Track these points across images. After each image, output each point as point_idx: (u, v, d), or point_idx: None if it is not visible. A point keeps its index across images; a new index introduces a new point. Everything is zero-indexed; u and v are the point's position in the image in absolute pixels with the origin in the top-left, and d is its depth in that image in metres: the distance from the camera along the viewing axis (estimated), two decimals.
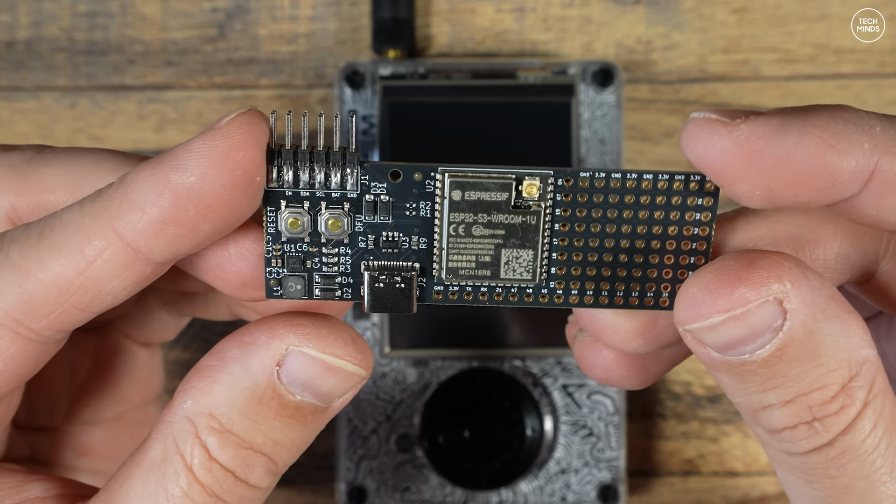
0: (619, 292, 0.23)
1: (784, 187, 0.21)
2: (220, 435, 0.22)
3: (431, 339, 0.39)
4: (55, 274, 0.22)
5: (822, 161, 0.21)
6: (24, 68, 0.41)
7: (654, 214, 0.23)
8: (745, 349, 0.21)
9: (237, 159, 0.21)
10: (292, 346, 0.22)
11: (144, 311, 0.30)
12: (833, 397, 0.21)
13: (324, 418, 0.24)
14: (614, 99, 0.39)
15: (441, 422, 0.39)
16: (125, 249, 0.22)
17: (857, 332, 0.21)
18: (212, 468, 0.22)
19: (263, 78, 0.41)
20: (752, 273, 0.21)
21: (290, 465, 0.24)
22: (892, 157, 0.21)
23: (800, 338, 0.21)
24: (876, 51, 0.40)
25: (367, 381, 0.39)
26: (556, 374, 0.39)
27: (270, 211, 0.23)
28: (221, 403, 0.22)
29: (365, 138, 0.39)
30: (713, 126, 0.21)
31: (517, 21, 0.41)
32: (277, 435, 0.23)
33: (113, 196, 0.22)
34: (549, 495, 0.39)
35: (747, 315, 0.21)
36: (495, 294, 0.23)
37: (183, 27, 0.41)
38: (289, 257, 0.23)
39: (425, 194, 0.23)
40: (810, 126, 0.21)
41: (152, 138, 0.41)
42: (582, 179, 0.22)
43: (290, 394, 0.22)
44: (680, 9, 0.40)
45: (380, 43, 0.39)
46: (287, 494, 0.41)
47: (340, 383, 0.23)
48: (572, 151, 0.39)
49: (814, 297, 0.21)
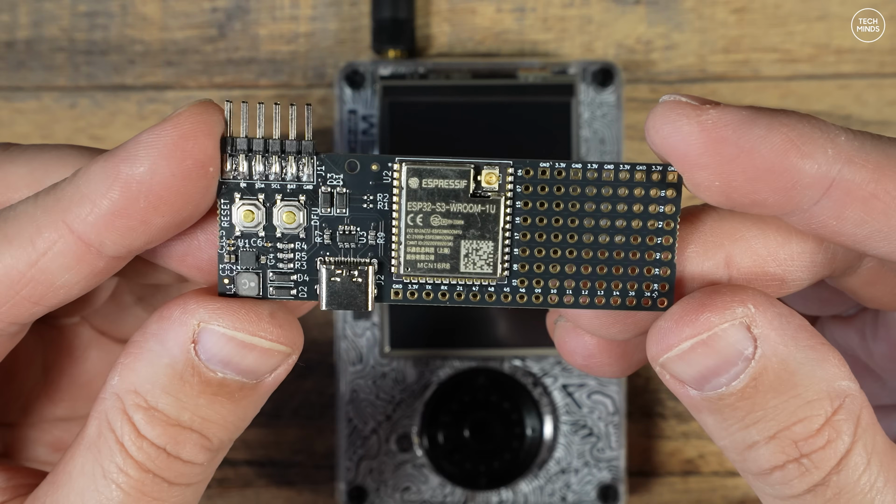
0: (585, 290, 0.22)
1: (743, 181, 0.21)
2: (146, 412, 0.22)
3: (431, 339, 0.39)
4: (6, 266, 0.22)
5: (784, 159, 0.21)
6: (24, 68, 0.41)
7: (617, 207, 0.22)
8: (720, 381, 0.21)
9: (187, 149, 0.21)
10: (203, 323, 0.22)
11: (119, 307, 0.30)
12: (818, 430, 0.21)
13: (257, 395, 0.23)
14: (614, 99, 0.39)
15: (441, 422, 0.39)
16: (76, 242, 0.22)
17: (833, 363, 0.21)
18: (142, 445, 0.22)
19: (263, 78, 0.41)
20: (714, 299, 0.21)
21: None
22: (854, 166, 0.21)
23: (773, 366, 0.21)
24: (876, 51, 0.40)
25: (366, 382, 0.39)
26: (556, 374, 0.39)
27: (224, 204, 0.22)
28: (145, 380, 0.22)
29: (365, 138, 0.39)
30: (682, 108, 0.21)
31: (517, 21, 0.41)
32: (205, 412, 0.22)
33: (66, 189, 0.22)
34: (549, 495, 0.39)
35: (715, 340, 0.21)
36: (456, 293, 0.23)
37: (183, 27, 0.41)
38: (242, 253, 0.23)
39: (382, 186, 0.22)
40: (778, 123, 0.21)
41: None
42: (542, 170, 0.22)
43: (211, 371, 0.22)
44: (680, 9, 0.40)
45: (380, 43, 0.39)
46: (287, 494, 0.41)
47: (260, 360, 0.22)
48: (572, 151, 0.39)
49: (782, 323, 0.21)
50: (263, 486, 0.41)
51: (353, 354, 0.39)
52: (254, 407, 0.23)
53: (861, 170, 0.21)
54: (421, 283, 0.23)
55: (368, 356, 0.39)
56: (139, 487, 0.22)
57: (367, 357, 0.39)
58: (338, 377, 0.39)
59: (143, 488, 0.22)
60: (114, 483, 0.22)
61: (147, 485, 0.22)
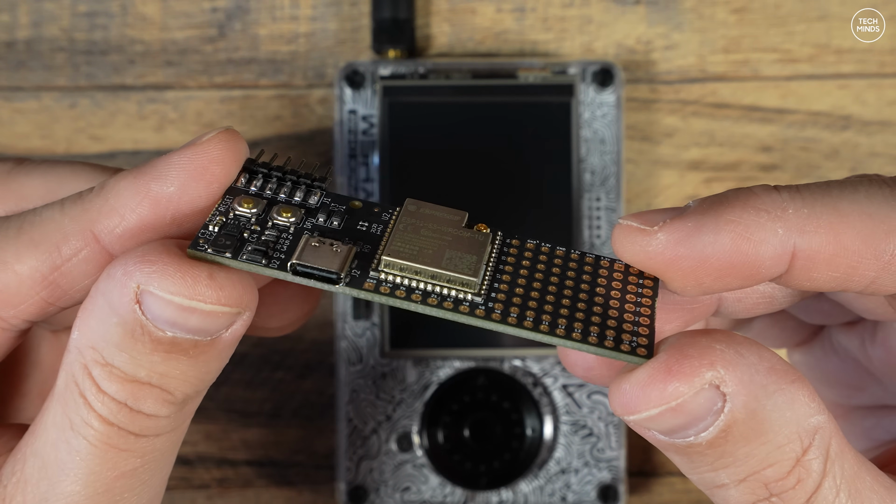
0: (561, 326, 0.22)
1: (712, 281, 0.22)
2: (103, 368, 0.22)
3: (431, 339, 0.39)
4: (30, 268, 0.23)
5: (739, 254, 0.21)
6: (24, 68, 0.41)
7: (598, 281, 0.23)
8: (687, 433, 0.21)
9: (215, 173, 0.23)
10: (142, 285, 0.21)
11: None
12: (788, 472, 0.21)
13: (215, 350, 0.22)
14: (614, 99, 0.39)
15: (441, 422, 0.39)
16: (100, 252, 0.23)
17: (803, 402, 0.21)
18: (103, 400, 0.22)
19: (263, 78, 0.41)
20: (682, 365, 0.21)
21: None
22: (807, 235, 0.21)
23: (742, 418, 0.21)
24: (876, 51, 0.40)
25: (366, 382, 0.39)
26: (556, 374, 0.39)
27: (228, 198, 0.23)
28: (99, 338, 0.22)
29: (365, 138, 0.39)
30: (634, 235, 0.22)
31: (517, 21, 0.41)
32: (162, 368, 0.22)
33: (94, 200, 0.23)
34: (549, 495, 0.39)
35: (683, 406, 0.21)
36: (429, 298, 0.22)
37: (183, 27, 0.41)
38: (228, 225, 0.23)
39: (381, 221, 0.24)
40: (724, 221, 0.21)
41: (152, 138, 0.41)
42: (528, 246, 0.23)
43: (160, 330, 0.21)
44: (680, 9, 0.40)
45: (380, 43, 0.39)
46: (287, 494, 0.41)
47: (204, 321, 0.22)
48: (572, 151, 0.39)
49: (752, 375, 0.21)
50: (263, 486, 0.41)
51: (353, 354, 0.39)
52: (216, 361, 0.23)
53: (815, 237, 0.21)
54: (396, 283, 0.22)
55: (368, 356, 0.39)
56: (105, 440, 0.22)
57: (367, 357, 0.39)
58: (338, 377, 0.39)
59: (110, 441, 0.22)
60: (80, 435, 0.22)
61: (113, 437, 0.22)
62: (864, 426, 0.30)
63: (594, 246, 0.39)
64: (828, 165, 0.41)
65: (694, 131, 0.41)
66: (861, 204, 0.22)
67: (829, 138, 0.41)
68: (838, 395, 0.30)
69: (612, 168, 0.39)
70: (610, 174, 0.39)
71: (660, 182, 0.41)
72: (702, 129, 0.41)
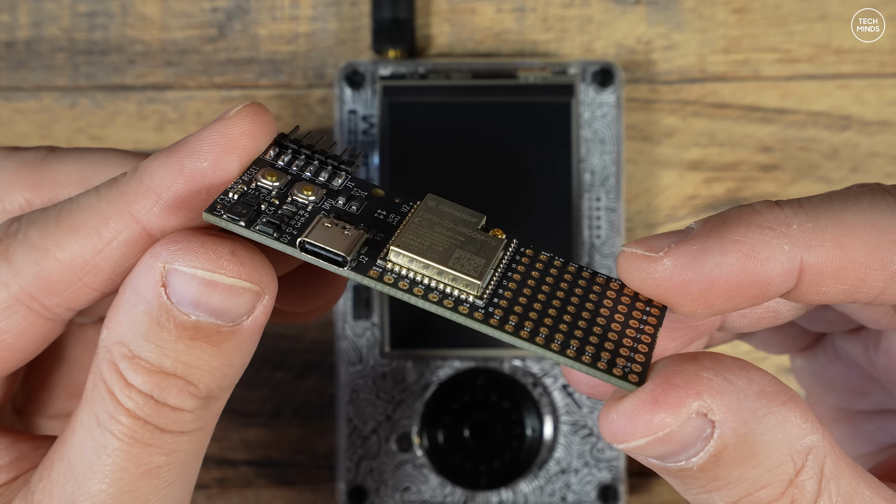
0: (557, 340, 0.22)
1: (721, 302, 0.22)
2: (130, 361, 0.22)
3: (431, 339, 0.39)
4: (72, 254, 0.23)
5: (746, 274, 0.21)
6: (24, 68, 0.41)
7: (604, 302, 0.23)
8: (678, 458, 0.21)
9: (247, 146, 0.23)
10: (167, 264, 0.22)
11: None
12: (782, 493, 0.21)
13: (238, 340, 0.23)
14: (614, 99, 0.39)
15: (441, 422, 0.39)
16: (140, 232, 0.23)
17: (795, 423, 0.21)
18: (130, 393, 0.22)
19: (263, 78, 0.41)
20: (669, 396, 0.21)
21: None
22: (814, 249, 0.21)
23: (732, 443, 0.21)
24: (876, 51, 0.40)
25: (366, 382, 0.39)
26: (556, 374, 0.39)
27: (253, 168, 0.23)
28: (127, 330, 0.22)
29: (365, 138, 0.39)
30: (640, 262, 0.22)
31: (517, 21, 0.41)
32: (186, 357, 0.22)
33: (129, 182, 0.23)
34: (549, 495, 0.39)
35: (671, 435, 0.21)
36: (431, 294, 0.22)
37: (183, 27, 0.41)
38: (247, 195, 0.23)
39: (400, 212, 0.24)
40: (729, 243, 0.21)
41: (152, 138, 0.41)
42: (541, 257, 0.23)
43: (184, 314, 0.22)
44: (680, 9, 0.40)
45: (380, 43, 0.39)
46: (287, 494, 0.41)
47: (226, 299, 0.22)
48: (572, 151, 0.39)
49: (740, 401, 0.21)
50: (263, 486, 0.41)
51: (353, 354, 0.39)
52: (239, 353, 0.23)
53: (821, 251, 0.21)
54: (401, 274, 0.22)
55: (368, 356, 0.39)
56: (132, 435, 0.22)
57: (367, 357, 0.39)
58: (338, 377, 0.39)
59: (136, 435, 0.22)
60: (108, 431, 0.22)
61: (139, 432, 0.22)
62: (867, 430, 0.30)
63: (594, 246, 0.39)
64: (828, 165, 0.41)
65: (694, 131, 0.41)
66: (865, 215, 0.22)
67: (829, 138, 0.41)
68: (841, 399, 0.30)
69: (612, 168, 0.39)
70: (610, 174, 0.39)
71: (660, 182, 0.41)
72: (702, 129, 0.41)
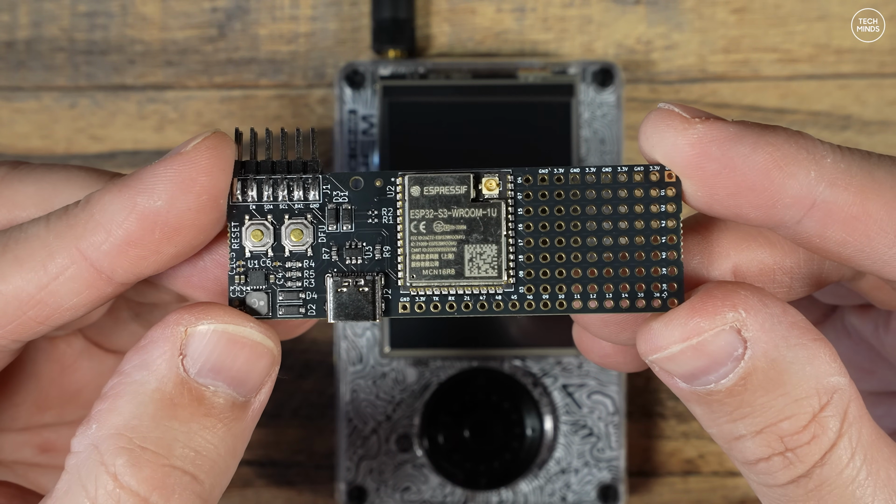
0: (593, 295, 0.22)
1: (726, 195, 0.21)
2: (131, 453, 0.21)
3: (431, 339, 0.39)
4: (16, 287, 0.22)
5: (766, 178, 0.21)
6: (24, 68, 0.41)
7: (619, 209, 0.22)
8: (709, 379, 0.21)
9: (203, 183, 0.22)
10: (190, 327, 0.21)
11: (116, 322, 0.29)
12: (804, 427, 0.21)
13: (246, 418, 0.22)
14: (614, 99, 0.39)
15: (441, 422, 0.39)
16: (88, 269, 0.22)
17: (824, 360, 0.21)
18: (120, 498, 0.20)
19: (263, 78, 0.41)
20: (706, 303, 0.21)
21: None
22: (836, 189, 0.21)
23: (762, 366, 0.21)
24: (876, 51, 0.40)
25: (366, 382, 0.39)
26: (556, 374, 0.39)
27: (235, 227, 0.23)
28: (130, 417, 0.21)
29: (365, 138, 0.39)
30: (672, 120, 0.21)
31: (517, 21, 0.41)
32: (198, 442, 0.21)
33: (79, 215, 0.22)
34: (549, 495, 0.39)
35: (704, 344, 0.21)
36: (463, 304, 0.23)
37: (183, 27, 0.41)
38: (252, 272, 0.23)
39: (386, 200, 0.23)
40: (764, 142, 0.21)
41: (152, 138, 0.41)
42: (541, 177, 0.23)
43: (202, 386, 0.21)
44: (680, 9, 0.40)
45: (380, 43, 0.39)
46: (287, 494, 0.41)
47: (250, 362, 0.22)
48: (572, 151, 0.39)
49: (773, 324, 0.21)
50: (263, 486, 0.41)
51: (353, 354, 0.39)
52: (243, 436, 0.22)
53: (843, 192, 0.21)
54: (428, 295, 0.23)
55: (368, 356, 0.39)
56: None
57: (367, 357, 0.39)
58: (338, 377, 0.39)
59: None
60: None
61: None
62: (874, 415, 0.30)
63: None
64: None
65: None
66: None
67: (829, 138, 0.41)
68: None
69: None
70: None
71: None
72: None
